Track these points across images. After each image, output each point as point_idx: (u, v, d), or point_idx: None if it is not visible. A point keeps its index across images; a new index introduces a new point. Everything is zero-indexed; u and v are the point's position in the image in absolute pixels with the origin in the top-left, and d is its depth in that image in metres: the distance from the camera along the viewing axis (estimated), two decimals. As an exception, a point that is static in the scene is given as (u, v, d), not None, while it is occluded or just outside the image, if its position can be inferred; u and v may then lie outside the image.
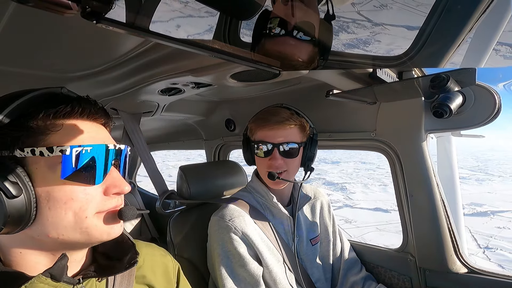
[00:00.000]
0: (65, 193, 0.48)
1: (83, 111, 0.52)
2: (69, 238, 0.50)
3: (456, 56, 0.62)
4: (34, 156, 0.47)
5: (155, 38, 0.43)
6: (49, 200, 0.47)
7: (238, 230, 1.03)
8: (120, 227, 0.55)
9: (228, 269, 1.01)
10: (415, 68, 1.02)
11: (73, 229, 0.49)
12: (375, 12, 0.59)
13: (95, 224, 0.51)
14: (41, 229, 0.48)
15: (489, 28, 0.60)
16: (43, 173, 0.47)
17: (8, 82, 0.93)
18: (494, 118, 1.00)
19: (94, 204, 0.50)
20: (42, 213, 0.47)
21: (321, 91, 1.05)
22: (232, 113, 1.72)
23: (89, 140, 0.51)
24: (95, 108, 0.54)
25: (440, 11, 0.56)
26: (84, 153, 0.49)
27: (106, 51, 0.81)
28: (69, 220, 0.48)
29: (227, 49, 0.54)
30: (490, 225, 16.99)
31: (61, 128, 0.49)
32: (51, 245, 0.51)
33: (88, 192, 0.50)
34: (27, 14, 0.58)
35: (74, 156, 0.48)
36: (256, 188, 1.18)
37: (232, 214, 1.07)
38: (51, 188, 0.47)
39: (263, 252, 1.05)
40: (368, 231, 15.63)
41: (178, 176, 1.32)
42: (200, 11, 0.49)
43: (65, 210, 0.48)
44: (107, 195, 0.52)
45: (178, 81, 0.98)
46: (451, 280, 1.15)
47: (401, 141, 1.17)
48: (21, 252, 0.51)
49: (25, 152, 0.46)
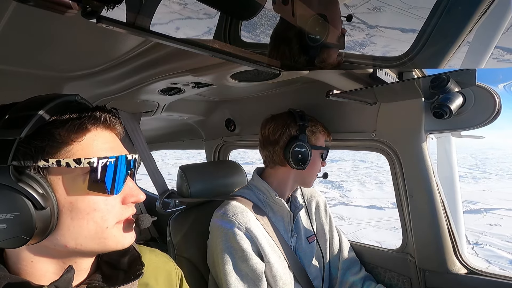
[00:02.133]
0: (88, 203, 0.48)
1: (105, 121, 0.52)
2: (86, 248, 0.50)
3: (456, 57, 0.62)
4: (60, 167, 0.46)
5: (155, 38, 0.43)
6: (72, 210, 0.47)
7: (241, 226, 1.04)
8: (133, 237, 0.55)
9: (230, 265, 1.01)
10: (415, 69, 1.02)
11: (93, 239, 0.49)
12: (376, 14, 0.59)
13: (114, 234, 0.51)
14: (59, 239, 0.48)
15: (489, 29, 0.60)
16: (68, 184, 0.47)
17: (8, 82, 0.93)
18: (494, 119, 1.00)
19: (113, 214, 0.51)
20: (64, 223, 0.47)
21: (321, 91, 1.05)
22: (232, 113, 1.72)
23: (110, 151, 0.52)
24: (114, 118, 0.55)
25: (440, 12, 0.56)
26: (109, 165, 0.49)
27: (106, 50, 0.81)
28: (90, 230, 0.49)
29: (227, 49, 0.54)
30: (482, 222, 17.19)
31: (83, 139, 0.49)
32: (64, 254, 0.51)
33: (109, 203, 0.50)
34: (27, 14, 0.58)
35: (101, 168, 0.48)
36: (257, 186, 1.20)
37: (235, 210, 1.08)
38: (75, 198, 0.47)
39: (265, 248, 1.06)
40: (362, 228, 15.73)
41: (178, 176, 1.32)
42: (201, 11, 0.49)
43: (87, 220, 0.48)
44: (125, 204, 0.53)
45: (178, 81, 0.98)
46: (450, 280, 1.15)
47: (401, 142, 1.17)
48: (32, 261, 0.50)
49: (49, 163, 0.45)
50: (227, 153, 1.99)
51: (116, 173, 0.50)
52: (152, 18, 0.41)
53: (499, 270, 1.16)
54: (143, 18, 0.40)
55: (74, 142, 0.48)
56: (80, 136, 0.49)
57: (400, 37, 0.62)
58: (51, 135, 0.47)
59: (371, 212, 18.83)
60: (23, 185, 0.43)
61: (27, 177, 0.44)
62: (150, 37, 0.43)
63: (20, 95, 1.09)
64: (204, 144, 2.03)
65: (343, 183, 27.10)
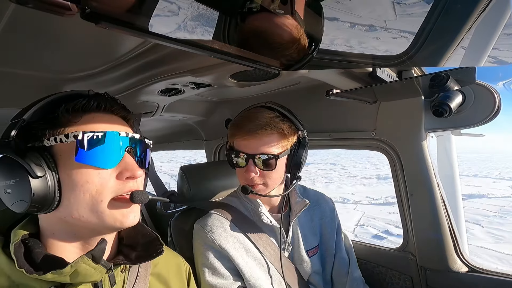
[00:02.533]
0: (81, 175, 0.54)
1: (99, 105, 0.59)
2: (88, 221, 0.55)
3: (455, 55, 0.61)
4: (57, 144, 0.54)
5: (154, 39, 0.43)
6: (69, 182, 0.54)
7: (216, 243, 0.98)
8: (135, 217, 0.59)
9: (206, 278, 0.97)
10: (415, 67, 1.02)
11: (91, 211, 0.54)
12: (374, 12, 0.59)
13: (108, 209, 0.55)
14: (65, 210, 0.55)
15: (488, 27, 0.60)
16: (64, 159, 0.54)
17: (7, 83, 0.93)
18: (494, 116, 1.00)
19: (109, 188, 0.55)
20: (65, 195, 0.54)
21: (321, 91, 1.05)
22: (232, 113, 1.72)
23: (103, 128, 0.57)
24: (110, 103, 0.61)
25: (439, 10, 0.56)
26: (95, 138, 0.54)
27: (105, 52, 0.81)
28: (87, 202, 0.54)
29: (227, 49, 0.54)
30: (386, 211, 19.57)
31: (79, 120, 0.56)
32: (78, 228, 0.57)
33: (103, 176, 0.55)
34: (27, 15, 0.58)
35: (86, 141, 0.53)
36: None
37: (213, 225, 1.01)
38: (70, 171, 0.54)
39: (244, 266, 0.98)
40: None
41: (179, 177, 1.31)
42: (200, 11, 0.49)
43: (83, 192, 0.54)
44: (121, 179, 0.57)
45: (177, 82, 0.98)
46: (451, 279, 1.14)
47: (401, 140, 1.17)
48: (54, 233, 0.58)
49: (50, 141, 0.54)
50: (227, 153, 1.99)
51: (104, 148, 0.55)
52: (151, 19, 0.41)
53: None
54: (142, 19, 0.40)
55: (71, 123, 0.56)
56: (76, 117, 0.56)
57: (399, 35, 0.62)
58: (51, 119, 0.55)
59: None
60: (21, 157, 0.51)
61: (26, 151, 0.53)
62: (149, 38, 0.43)
63: (20, 96, 1.09)
64: (204, 144, 2.03)
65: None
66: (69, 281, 0.54)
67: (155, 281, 0.72)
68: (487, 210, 20.86)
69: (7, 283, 0.53)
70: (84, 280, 0.55)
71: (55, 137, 0.53)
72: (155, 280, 0.72)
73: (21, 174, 0.51)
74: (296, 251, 1.08)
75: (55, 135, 0.54)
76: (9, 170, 0.53)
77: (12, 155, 0.52)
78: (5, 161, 0.53)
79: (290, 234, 1.07)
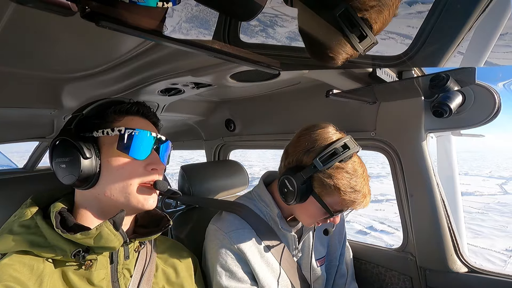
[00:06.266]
0: (118, 162, 0.68)
1: (138, 110, 0.75)
2: (116, 200, 0.69)
3: (455, 55, 0.61)
4: (104, 136, 0.69)
5: (154, 39, 0.43)
6: (108, 166, 0.68)
7: (234, 246, 0.95)
8: (153, 202, 0.73)
9: (221, 280, 0.95)
10: (415, 68, 1.02)
11: (121, 192, 0.68)
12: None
13: (135, 192, 0.69)
14: (101, 188, 0.68)
15: (489, 27, 0.60)
16: (107, 148, 0.69)
17: (8, 83, 0.93)
18: (494, 117, 1.00)
19: (137, 175, 0.70)
20: (103, 176, 0.68)
21: (321, 91, 1.05)
22: (232, 113, 1.72)
23: (139, 128, 0.71)
24: (146, 110, 0.77)
25: (439, 10, 0.56)
26: (133, 134, 0.69)
27: (105, 51, 0.81)
28: (119, 184, 0.68)
29: (227, 49, 0.54)
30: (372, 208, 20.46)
31: (122, 119, 0.72)
32: (107, 205, 0.70)
33: (134, 165, 0.70)
34: (27, 15, 0.58)
35: (126, 135, 0.69)
36: (261, 196, 1.07)
37: (231, 227, 0.98)
38: (110, 158, 0.68)
39: (260, 271, 0.97)
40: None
41: (180, 176, 1.31)
42: (200, 11, 0.49)
43: (118, 175, 0.68)
44: (147, 170, 0.71)
45: (178, 81, 0.98)
46: (451, 279, 1.15)
47: (401, 141, 1.17)
48: (86, 207, 0.71)
49: (99, 133, 0.69)
50: (227, 153, 2.00)
51: (139, 143, 0.70)
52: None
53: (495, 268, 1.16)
54: (142, 19, 0.40)
55: (116, 121, 0.71)
56: (120, 117, 0.72)
57: (399, 35, 0.62)
58: (102, 116, 0.71)
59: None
60: (77, 141, 0.66)
61: (81, 139, 0.67)
62: (149, 38, 0.43)
63: (20, 96, 1.09)
64: (204, 144, 2.03)
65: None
66: (93, 244, 0.64)
67: (164, 265, 0.84)
68: (470, 207, 21.84)
69: (45, 243, 0.64)
70: (105, 244, 0.65)
71: (102, 130, 0.69)
72: (164, 264, 0.84)
73: (75, 154, 0.65)
74: (305, 259, 1.08)
75: (103, 128, 0.69)
76: (66, 149, 0.67)
77: (71, 139, 0.66)
78: (64, 143, 0.67)
79: (302, 241, 1.07)
